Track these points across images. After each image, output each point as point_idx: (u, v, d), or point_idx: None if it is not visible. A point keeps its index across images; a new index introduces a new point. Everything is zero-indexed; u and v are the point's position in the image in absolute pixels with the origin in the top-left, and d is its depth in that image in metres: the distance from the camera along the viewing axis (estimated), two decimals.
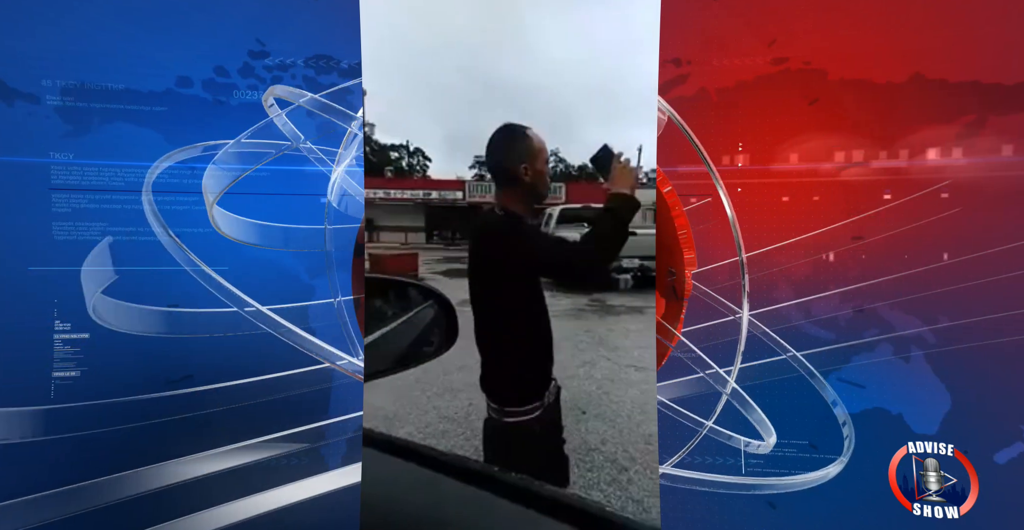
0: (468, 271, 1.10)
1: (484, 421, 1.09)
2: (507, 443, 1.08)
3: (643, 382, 0.93)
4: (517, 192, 1.11)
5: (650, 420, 0.94)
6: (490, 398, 1.10)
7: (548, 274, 1.08)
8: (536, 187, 1.11)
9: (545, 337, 1.10)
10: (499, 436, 1.08)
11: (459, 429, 1.05)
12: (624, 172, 1.07)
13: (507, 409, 1.09)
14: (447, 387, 1.10)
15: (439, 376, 1.08)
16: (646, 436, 0.94)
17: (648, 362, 0.93)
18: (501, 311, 1.11)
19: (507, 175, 1.11)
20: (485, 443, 1.09)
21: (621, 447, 0.94)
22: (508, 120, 1.08)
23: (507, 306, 1.10)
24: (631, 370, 0.93)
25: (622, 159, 1.07)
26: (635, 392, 0.92)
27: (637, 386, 0.93)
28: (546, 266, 1.10)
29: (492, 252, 1.10)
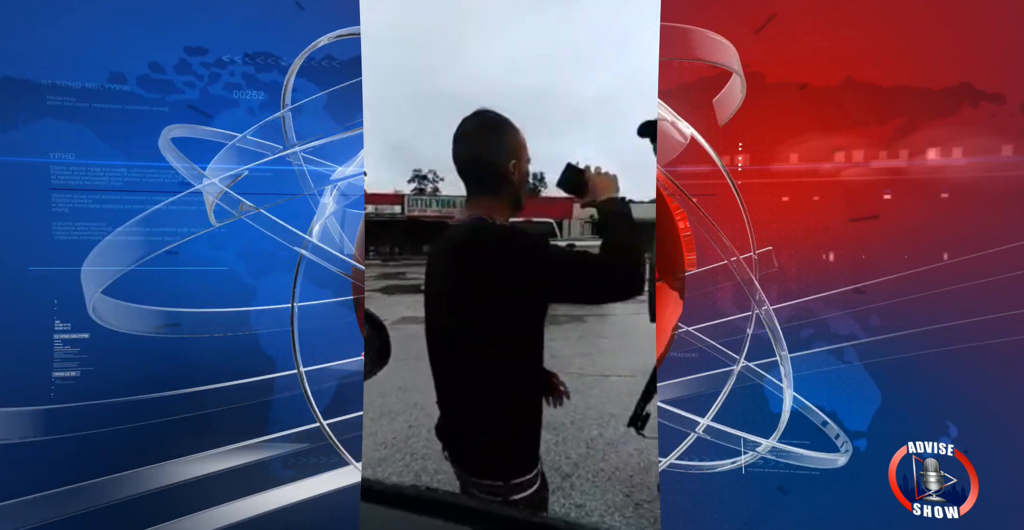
0: (433, 296, 0.92)
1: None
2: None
3: (586, 389, 0.93)
4: (501, 197, 0.93)
5: (592, 424, 0.94)
6: (461, 465, 0.93)
7: (580, 296, 0.93)
8: (521, 192, 0.94)
9: (538, 386, 0.93)
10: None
11: (398, 455, 1.00)
12: (604, 180, 0.95)
13: (490, 484, 0.90)
14: (384, 411, 1.03)
15: (375, 399, 1.02)
16: (588, 440, 0.94)
17: (589, 369, 0.93)
18: (494, 348, 0.90)
19: (491, 175, 0.93)
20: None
21: (564, 454, 0.94)
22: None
23: (504, 342, 0.90)
24: (574, 376, 0.93)
25: (592, 170, 0.95)
26: (577, 399, 0.92)
27: (580, 393, 0.92)
28: (579, 287, 0.91)
29: (500, 272, 0.89)
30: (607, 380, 0.94)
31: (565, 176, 0.95)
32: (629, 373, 0.96)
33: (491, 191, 0.93)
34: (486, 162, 0.93)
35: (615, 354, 0.97)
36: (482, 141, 0.93)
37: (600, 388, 0.93)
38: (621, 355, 0.97)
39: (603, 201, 0.94)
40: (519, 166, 0.93)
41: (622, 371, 0.96)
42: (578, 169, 0.95)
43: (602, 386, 0.93)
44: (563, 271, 0.90)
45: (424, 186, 0.98)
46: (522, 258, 0.90)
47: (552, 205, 0.97)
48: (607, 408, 0.93)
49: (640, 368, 0.96)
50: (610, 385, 0.94)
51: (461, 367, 0.92)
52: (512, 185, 0.93)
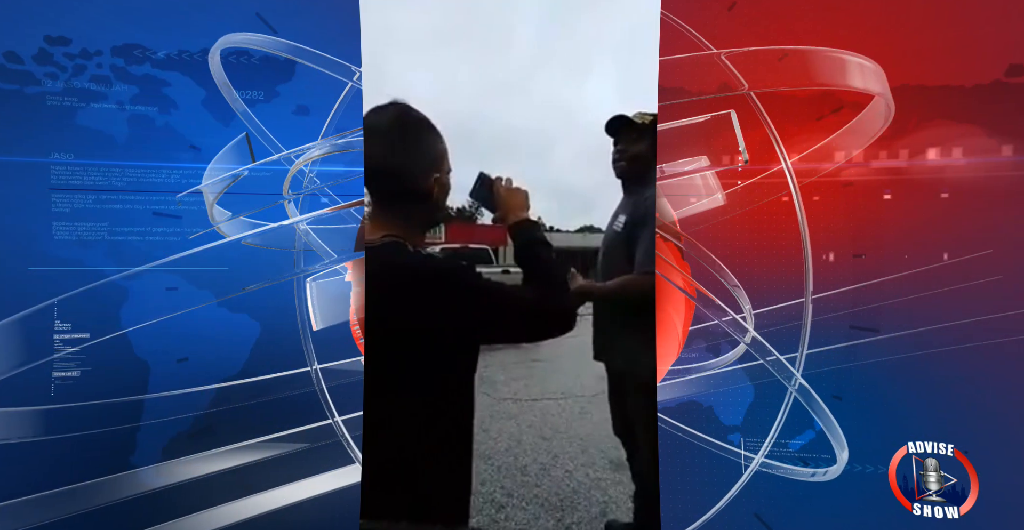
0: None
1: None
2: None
3: (520, 414, 0.92)
4: (418, 214, 0.80)
5: (525, 452, 0.93)
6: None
7: (514, 336, 0.87)
8: (439, 212, 0.82)
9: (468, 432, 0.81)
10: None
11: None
12: (514, 194, 0.87)
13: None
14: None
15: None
16: (521, 468, 0.92)
17: (523, 393, 0.93)
18: (420, 392, 0.78)
19: (410, 187, 0.79)
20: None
21: (499, 484, 0.91)
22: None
23: (434, 386, 0.79)
24: (508, 403, 0.91)
25: (503, 182, 0.88)
26: (512, 425, 0.91)
27: (514, 419, 0.91)
28: (515, 326, 0.81)
29: (425, 306, 0.76)
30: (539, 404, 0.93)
31: (476, 187, 0.89)
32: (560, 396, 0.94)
33: (402, 206, 0.79)
34: (402, 173, 0.78)
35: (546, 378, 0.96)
36: (397, 145, 0.78)
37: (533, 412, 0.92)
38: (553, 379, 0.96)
39: (514, 224, 0.85)
40: (440, 180, 0.79)
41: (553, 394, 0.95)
42: (489, 179, 0.89)
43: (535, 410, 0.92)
44: (492, 316, 0.79)
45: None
46: (451, 301, 0.77)
47: (486, 231, 0.92)
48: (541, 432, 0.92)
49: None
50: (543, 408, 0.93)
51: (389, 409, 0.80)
52: (431, 201, 0.79)
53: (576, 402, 0.96)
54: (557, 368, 0.96)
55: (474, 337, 0.79)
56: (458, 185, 0.84)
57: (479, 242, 0.93)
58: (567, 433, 0.96)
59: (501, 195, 0.87)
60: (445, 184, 0.81)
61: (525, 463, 0.93)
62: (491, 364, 0.84)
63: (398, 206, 0.79)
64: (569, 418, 0.96)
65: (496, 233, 0.92)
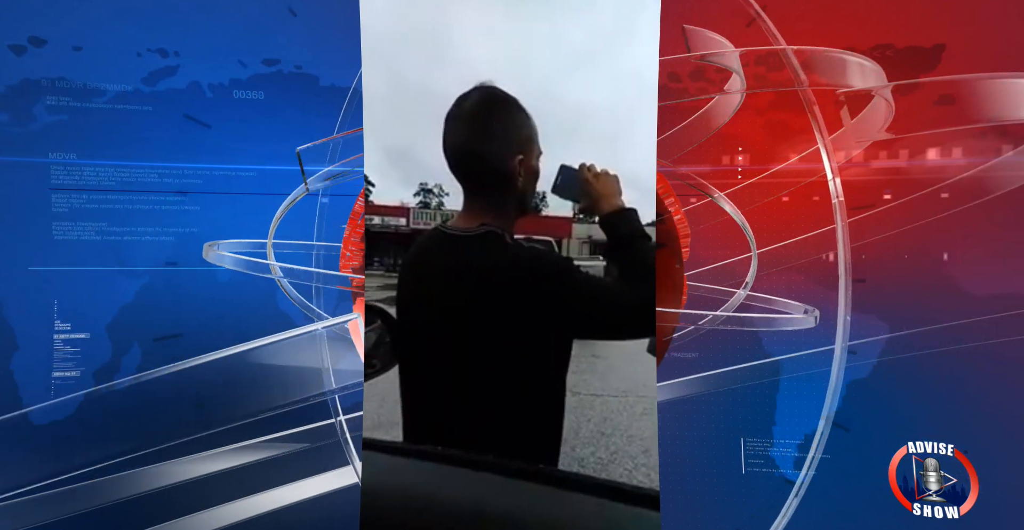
0: (422, 313, 0.79)
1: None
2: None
3: (579, 408, 0.91)
4: (505, 201, 0.77)
5: (584, 444, 0.92)
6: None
7: (604, 332, 0.80)
8: (528, 196, 0.78)
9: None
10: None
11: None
12: (605, 181, 0.81)
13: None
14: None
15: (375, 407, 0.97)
16: (579, 459, 0.91)
17: (583, 388, 0.91)
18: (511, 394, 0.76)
19: (496, 172, 0.76)
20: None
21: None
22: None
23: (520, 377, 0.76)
24: (567, 396, 0.90)
25: (589, 168, 0.82)
26: (571, 418, 0.89)
27: (573, 412, 0.89)
28: (612, 323, 0.78)
29: (525, 300, 0.73)
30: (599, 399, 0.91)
31: (558, 182, 0.83)
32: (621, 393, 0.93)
33: (492, 192, 0.77)
34: (487, 157, 0.75)
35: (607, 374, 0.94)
36: (482, 130, 0.75)
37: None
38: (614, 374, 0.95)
39: (608, 215, 0.80)
40: (526, 162, 0.76)
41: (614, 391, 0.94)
42: (572, 169, 0.83)
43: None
44: (583, 308, 0.75)
45: (429, 200, 0.87)
46: (562, 281, 0.75)
47: (551, 223, 0.86)
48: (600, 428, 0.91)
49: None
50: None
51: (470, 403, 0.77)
52: (517, 187, 0.77)
53: (639, 402, 0.94)
54: (617, 366, 0.94)
55: (571, 333, 0.76)
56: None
57: (544, 234, 0.87)
58: (628, 432, 0.94)
59: (590, 183, 0.81)
60: (534, 168, 0.77)
61: (583, 455, 0.91)
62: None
63: (487, 192, 0.76)
64: (630, 417, 0.94)
65: (562, 225, 0.87)
